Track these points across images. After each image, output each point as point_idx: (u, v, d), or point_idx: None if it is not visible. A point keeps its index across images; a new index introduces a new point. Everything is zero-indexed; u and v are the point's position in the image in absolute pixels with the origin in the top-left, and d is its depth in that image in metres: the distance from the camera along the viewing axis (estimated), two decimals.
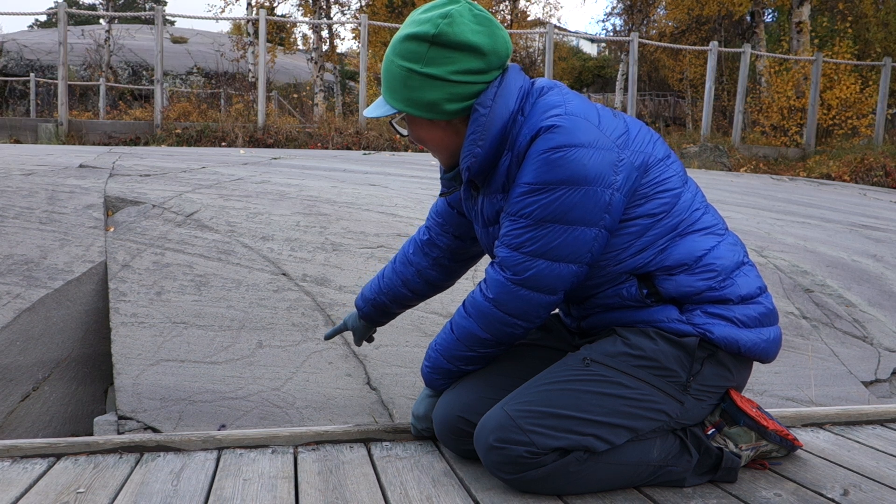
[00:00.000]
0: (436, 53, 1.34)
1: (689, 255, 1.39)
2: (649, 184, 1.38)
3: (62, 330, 2.47)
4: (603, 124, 1.36)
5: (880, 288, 3.34)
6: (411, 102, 1.39)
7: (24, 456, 1.55)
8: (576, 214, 1.31)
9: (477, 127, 1.38)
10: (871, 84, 12.64)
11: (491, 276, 1.41)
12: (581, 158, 1.29)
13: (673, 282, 1.39)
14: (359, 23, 10.46)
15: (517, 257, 1.36)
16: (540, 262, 1.35)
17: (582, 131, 1.31)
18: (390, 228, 3.26)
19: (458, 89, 1.37)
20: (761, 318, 1.43)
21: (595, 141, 1.31)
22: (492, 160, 1.41)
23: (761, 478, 1.45)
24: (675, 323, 1.39)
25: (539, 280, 1.36)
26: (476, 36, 1.34)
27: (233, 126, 9.63)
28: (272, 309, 2.54)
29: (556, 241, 1.33)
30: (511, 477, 1.34)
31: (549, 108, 1.36)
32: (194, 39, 24.17)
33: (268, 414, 2.14)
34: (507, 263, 1.37)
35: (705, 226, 1.44)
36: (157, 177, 3.92)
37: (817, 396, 2.44)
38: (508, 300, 1.39)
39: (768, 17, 18.68)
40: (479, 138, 1.38)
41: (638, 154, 1.37)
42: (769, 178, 8.46)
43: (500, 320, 1.42)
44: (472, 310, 1.45)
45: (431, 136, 1.45)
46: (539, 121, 1.34)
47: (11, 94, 18.85)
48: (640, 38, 11.70)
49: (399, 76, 1.38)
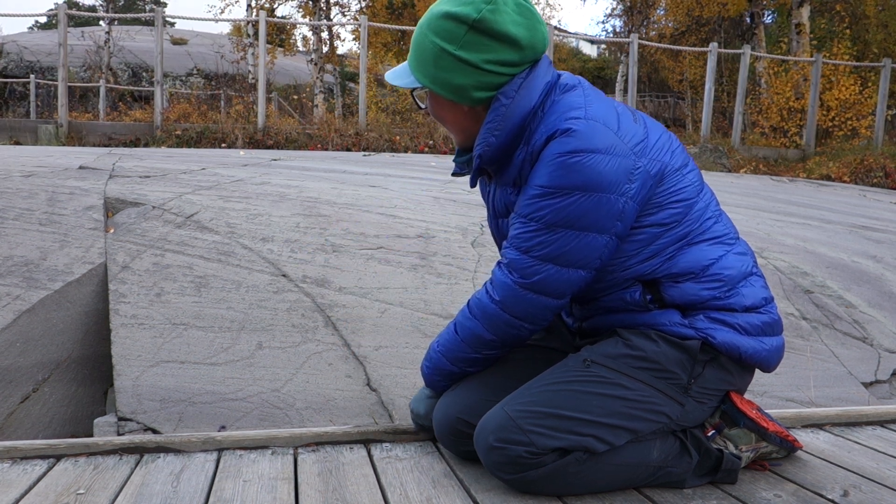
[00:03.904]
0: (473, 38, 1.32)
1: (696, 263, 1.39)
2: (663, 193, 1.37)
3: (62, 331, 2.46)
4: (622, 130, 1.33)
5: (880, 289, 3.34)
6: (438, 81, 1.37)
7: (24, 457, 1.55)
8: (588, 221, 1.30)
9: (496, 116, 1.37)
10: (870, 85, 12.64)
11: (498, 277, 1.40)
12: (597, 165, 1.28)
13: (678, 289, 1.39)
14: (359, 24, 10.47)
15: (526, 261, 1.35)
16: (549, 267, 1.34)
17: (599, 137, 1.29)
18: (390, 230, 3.26)
19: (488, 78, 1.35)
20: (764, 326, 1.42)
21: (612, 147, 1.30)
22: (506, 151, 1.39)
23: (761, 479, 1.45)
24: (678, 327, 1.39)
25: (547, 284, 1.35)
26: (516, 28, 1.33)
27: (233, 127, 9.63)
28: (272, 310, 2.54)
29: (566, 246, 1.32)
30: (511, 477, 1.34)
31: (569, 108, 1.34)
32: (194, 41, 24.17)
33: (268, 415, 2.13)
34: (516, 266, 1.36)
35: (715, 235, 1.43)
36: (156, 178, 3.92)
37: (817, 397, 2.44)
38: (515, 303, 1.38)
39: (768, 18, 18.69)
40: (496, 128, 1.37)
41: (655, 162, 1.35)
42: (769, 179, 8.46)
43: (506, 322, 1.41)
44: (477, 311, 1.44)
45: (451, 116, 1.44)
46: (557, 121, 1.32)
47: (11, 95, 18.85)
48: (639, 39, 11.71)
49: (431, 52, 1.36)
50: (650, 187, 1.34)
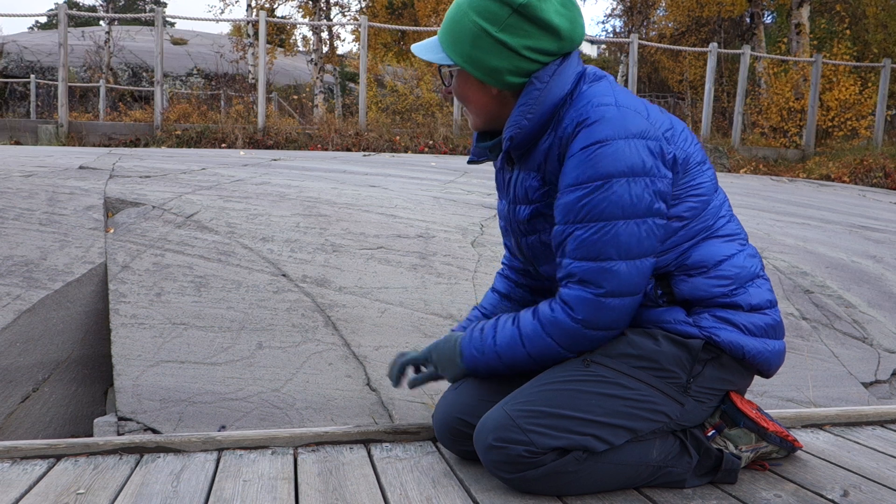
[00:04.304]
0: (515, 22, 1.32)
1: (709, 258, 1.39)
2: (684, 185, 1.37)
3: (62, 331, 2.46)
4: (651, 117, 1.35)
5: (880, 289, 3.34)
6: (473, 61, 1.37)
7: (24, 457, 1.55)
8: (643, 205, 1.29)
9: (529, 99, 1.36)
10: (870, 85, 12.64)
11: (572, 296, 1.33)
12: (635, 148, 1.28)
13: (689, 283, 1.39)
14: (359, 24, 10.47)
15: (595, 267, 1.30)
16: (620, 265, 1.30)
17: (632, 122, 1.30)
18: (390, 230, 3.26)
19: (525, 64, 1.35)
20: (768, 328, 1.43)
21: (646, 131, 1.31)
22: (535, 136, 1.39)
23: (761, 479, 1.45)
24: (682, 325, 1.39)
25: (626, 284, 1.32)
26: (559, 18, 1.33)
27: (233, 127, 9.63)
28: (272, 310, 2.54)
29: (631, 237, 1.30)
30: (510, 476, 1.34)
31: (600, 96, 1.34)
32: (194, 41, 24.16)
33: (268, 415, 2.14)
34: (588, 277, 1.31)
35: (729, 233, 1.43)
36: (157, 178, 3.92)
37: (817, 397, 2.44)
38: (600, 315, 1.32)
39: (768, 18, 18.71)
40: (529, 111, 1.36)
41: (682, 151, 1.37)
42: (769, 180, 8.46)
43: (590, 338, 1.35)
44: (553, 330, 1.36)
45: (478, 98, 1.42)
46: (587, 108, 1.32)
47: (12, 95, 18.85)
48: (639, 39, 11.71)
49: (469, 31, 1.35)
50: (678, 174, 1.36)
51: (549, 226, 1.43)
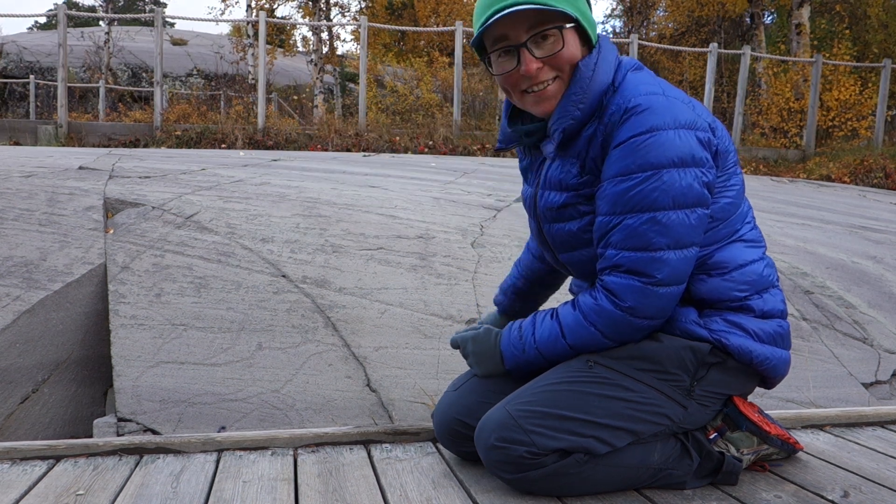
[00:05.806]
0: None
1: (731, 260, 1.39)
2: (721, 182, 1.38)
3: (62, 332, 2.46)
4: (697, 108, 1.35)
5: (880, 289, 3.34)
6: (581, 13, 1.36)
7: (24, 458, 1.55)
8: (693, 194, 1.29)
9: (579, 88, 1.35)
10: (870, 85, 12.64)
11: (620, 284, 1.32)
12: (684, 138, 1.28)
13: (707, 284, 1.39)
14: (359, 25, 10.47)
15: (646, 257, 1.30)
16: (670, 255, 1.30)
17: (681, 112, 1.30)
18: (390, 230, 3.26)
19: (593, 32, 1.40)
20: (776, 336, 1.43)
21: (695, 122, 1.31)
22: (583, 125, 1.38)
23: (761, 479, 1.45)
24: (692, 325, 1.38)
25: (675, 274, 1.31)
26: None
27: (232, 128, 9.63)
28: (272, 311, 2.53)
29: (680, 227, 1.30)
30: (511, 477, 1.34)
31: (646, 84, 1.34)
32: (194, 41, 24.16)
33: (267, 416, 2.13)
34: (636, 267, 1.30)
35: (753, 239, 1.44)
36: (156, 179, 3.92)
37: (817, 398, 2.44)
38: (648, 304, 1.32)
39: (768, 18, 18.70)
40: (581, 101, 1.35)
41: (723, 145, 1.37)
42: (769, 180, 8.47)
43: (636, 326, 1.34)
44: (598, 319, 1.35)
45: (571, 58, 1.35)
46: (636, 97, 1.31)
47: (11, 96, 18.85)
48: (639, 39, 11.71)
49: None
50: (718, 167, 1.36)
51: (577, 215, 1.41)
